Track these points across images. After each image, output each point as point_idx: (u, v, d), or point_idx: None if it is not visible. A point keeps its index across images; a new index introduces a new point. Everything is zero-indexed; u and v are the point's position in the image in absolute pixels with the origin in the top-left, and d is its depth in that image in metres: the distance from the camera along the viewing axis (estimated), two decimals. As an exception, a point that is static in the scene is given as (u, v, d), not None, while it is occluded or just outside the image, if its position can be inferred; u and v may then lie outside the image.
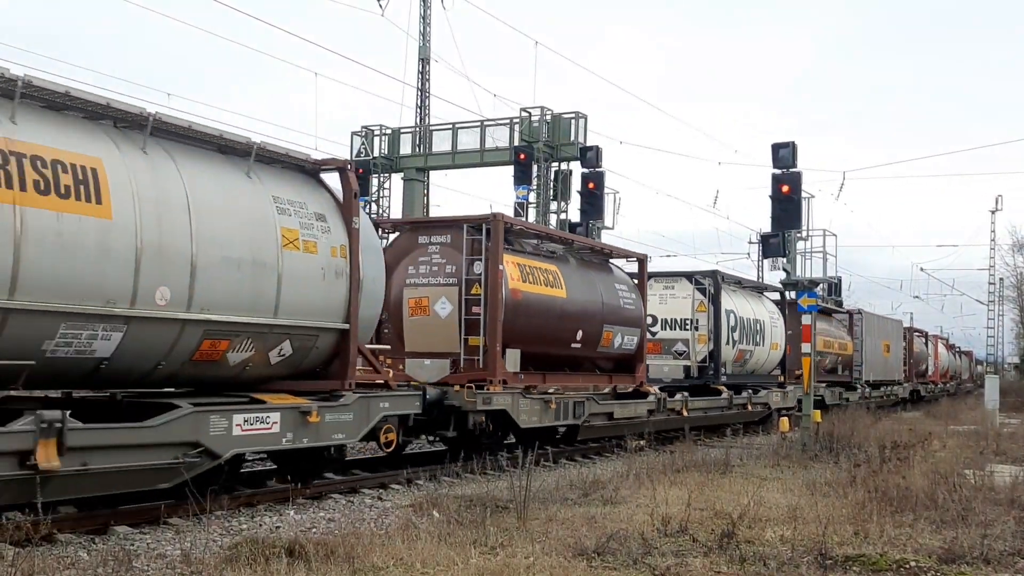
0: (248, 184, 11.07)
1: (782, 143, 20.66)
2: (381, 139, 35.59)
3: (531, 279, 16.39)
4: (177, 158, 10.36)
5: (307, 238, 11.47)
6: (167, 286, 9.82)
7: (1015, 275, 63.16)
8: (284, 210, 11.30)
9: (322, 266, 11.60)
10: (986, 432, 22.41)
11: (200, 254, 10.11)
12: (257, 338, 10.86)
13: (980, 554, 8.65)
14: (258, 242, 10.82)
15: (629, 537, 9.06)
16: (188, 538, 9.29)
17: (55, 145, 9.12)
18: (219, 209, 10.49)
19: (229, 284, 10.43)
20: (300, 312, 11.27)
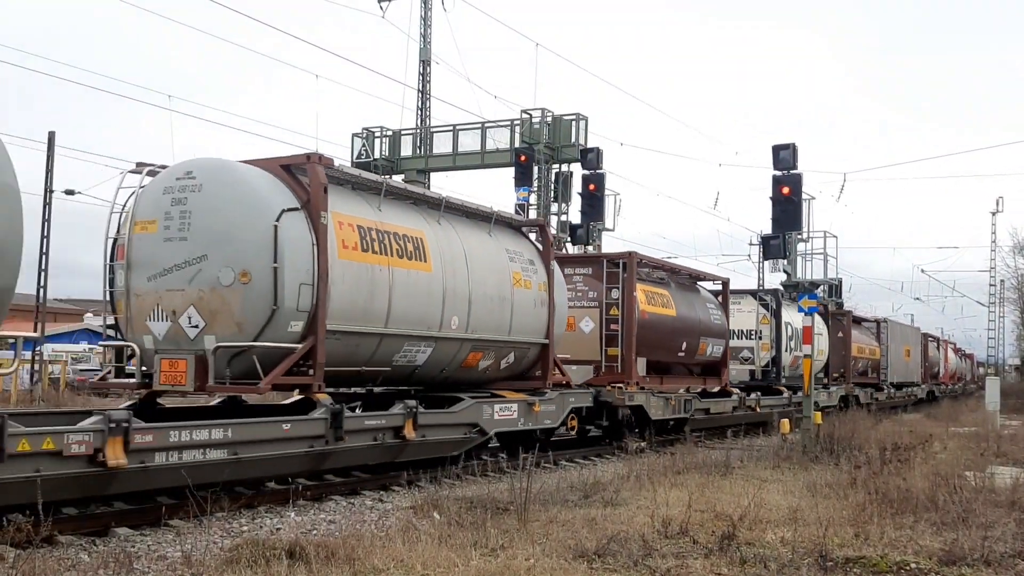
0: (492, 241, 15.71)
1: (782, 145, 20.67)
2: (382, 141, 35.63)
3: (652, 302, 20.75)
4: (456, 226, 14.92)
5: (526, 278, 16.04)
6: (457, 316, 14.34)
7: (1016, 277, 63.22)
8: (512, 258, 15.94)
9: (534, 298, 16.17)
10: (987, 434, 22.40)
11: (472, 293, 14.66)
12: (497, 350, 15.49)
13: (981, 556, 8.64)
14: (500, 282, 15.40)
15: (630, 539, 9.07)
16: (189, 540, 9.29)
17: (402, 224, 13.61)
18: (480, 260, 15.00)
19: (486, 313, 14.93)
20: (521, 332, 15.85)
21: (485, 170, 35.14)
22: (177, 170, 12.14)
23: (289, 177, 12.26)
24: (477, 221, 15.72)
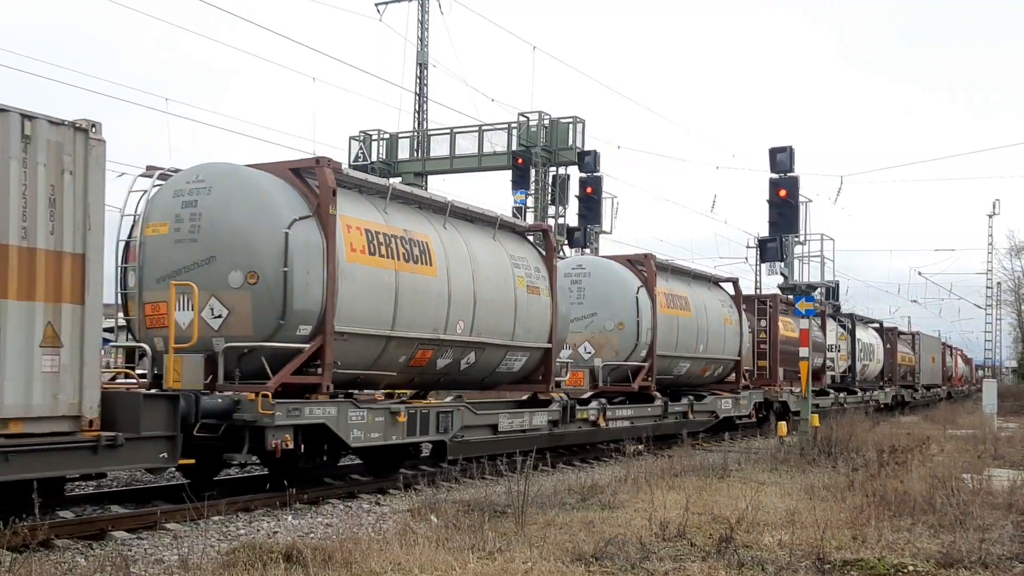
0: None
1: (780, 147, 20.65)
2: (379, 144, 35.61)
3: (787, 328, 28.53)
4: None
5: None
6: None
7: (1013, 279, 63.35)
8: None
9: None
10: (984, 436, 22.40)
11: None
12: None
13: (978, 558, 8.65)
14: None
15: (627, 542, 9.06)
16: (186, 543, 9.28)
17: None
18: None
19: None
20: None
21: (482, 173, 35.13)
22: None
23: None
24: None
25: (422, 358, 13.96)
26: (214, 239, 11.76)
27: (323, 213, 12.07)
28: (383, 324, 13.01)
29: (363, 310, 12.65)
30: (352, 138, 35.56)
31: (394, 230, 13.39)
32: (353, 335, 12.52)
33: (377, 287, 12.90)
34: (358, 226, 12.75)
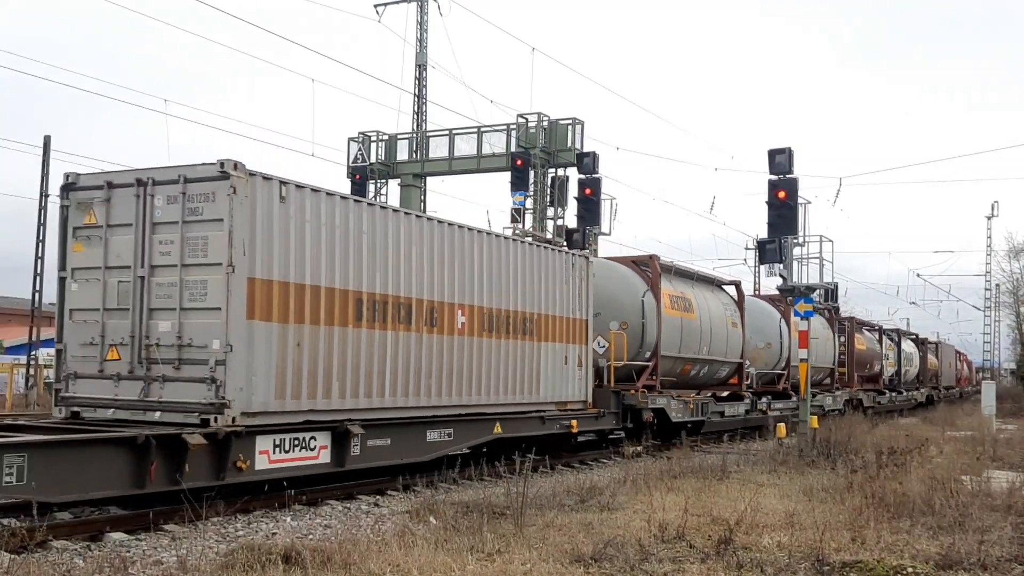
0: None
1: (778, 149, 20.61)
2: (378, 145, 35.55)
3: (859, 343, 37.17)
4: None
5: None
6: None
7: (1011, 281, 63.35)
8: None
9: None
10: (983, 438, 22.40)
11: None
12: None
13: (977, 560, 8.65)
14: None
15: (626, 543, 9.06)
16: (184, 545, 9.28)
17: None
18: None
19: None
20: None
21: (481, 174, 35.11)
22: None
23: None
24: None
25: (687, 370, 22.55)
26: (601, 302, 19.07)
27: (654, 287, 20.80)
28: (675, 349, 21.51)
29: (669, 342, 21.16)
30: (351, 139, 35.50)
31: (677, 292, 22.09)
32: (665, 356, 20.93)
33: (676, 328, 21.44)
34: (666, 292, 21.28)
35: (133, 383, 11.32)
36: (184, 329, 11.07)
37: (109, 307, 11.57)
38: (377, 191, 35.54)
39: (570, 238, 28.79)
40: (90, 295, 11.71)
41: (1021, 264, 61.97)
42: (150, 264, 11.32)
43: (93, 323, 11.64)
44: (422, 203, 36.59)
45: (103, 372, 11.56)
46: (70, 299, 11.87)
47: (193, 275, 11.07)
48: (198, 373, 10.92)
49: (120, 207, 11.54)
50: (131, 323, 11.37)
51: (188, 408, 10.95)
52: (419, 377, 13.62)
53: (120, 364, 11.44)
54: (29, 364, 34.24)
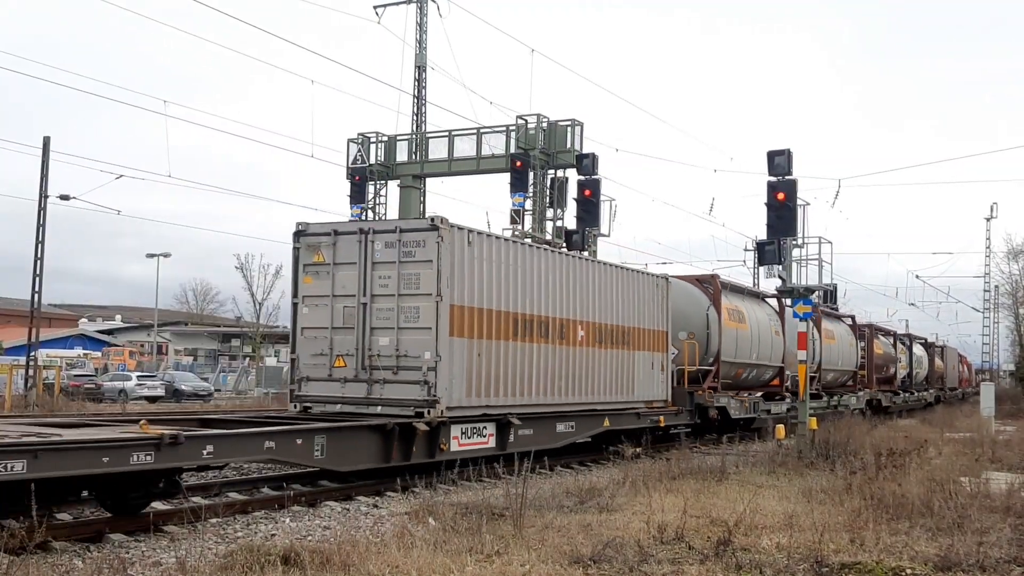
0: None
1: (778, 151, 20.61)
2: (378, 146, 35.53)
3: (878, 347, 40.87)
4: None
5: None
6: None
7: (1010, 282, 63.36)
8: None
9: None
10: (982, 439, 22.41)
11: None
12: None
13: (976, 561, 8.65)
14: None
15: (625, 545, 9.06)
16: (183, 546, 9.28)
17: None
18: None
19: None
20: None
21: (480, 175, 35.08)
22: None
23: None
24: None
25: (739, 374, 25.60)
26: (672, 316, 21.96)
27: (716, 302, 24.11)
28: (732, 356, 24.62)
29: (727, 350, 24.23)
30: (350, 140, 35.48)
31: (732, 305, 25.19)
32: (724, 362, 24.19)
33: (732, 337, 24.56)
34: (724, 306, 24.42)
35: (358, 384, 14.79)
36: (400, 344, 14.44)
37: (336, 326, 14.95)
38: (376, 192, 35.54)
39: (569, 239, 28.77)
40: (319, 317, 15.12)
41: (1020, 266, 62.01)
42: (371, 294, 14.71)
43: (322, 339, 15.04)
44: (421, 204, 36.59)
45: (331, 376, 14.96)
46: (302, 320, 15.39)
47: (407, 302, 14.44)
48: (413, 377, 14.28)
49: (344, 250, 14.97)
50: (355, 339, 14.78)
51: (405, 404, 14.29)
52: (553, 380, 16.97)
53: (346, 370, 14.84)
54: (28, 365, 34.25)
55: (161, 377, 49.30)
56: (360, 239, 14.83)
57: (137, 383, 45.22)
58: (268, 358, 69.31)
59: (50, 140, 33.47)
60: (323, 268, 15.09)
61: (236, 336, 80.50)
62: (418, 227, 14.52)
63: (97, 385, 46.16)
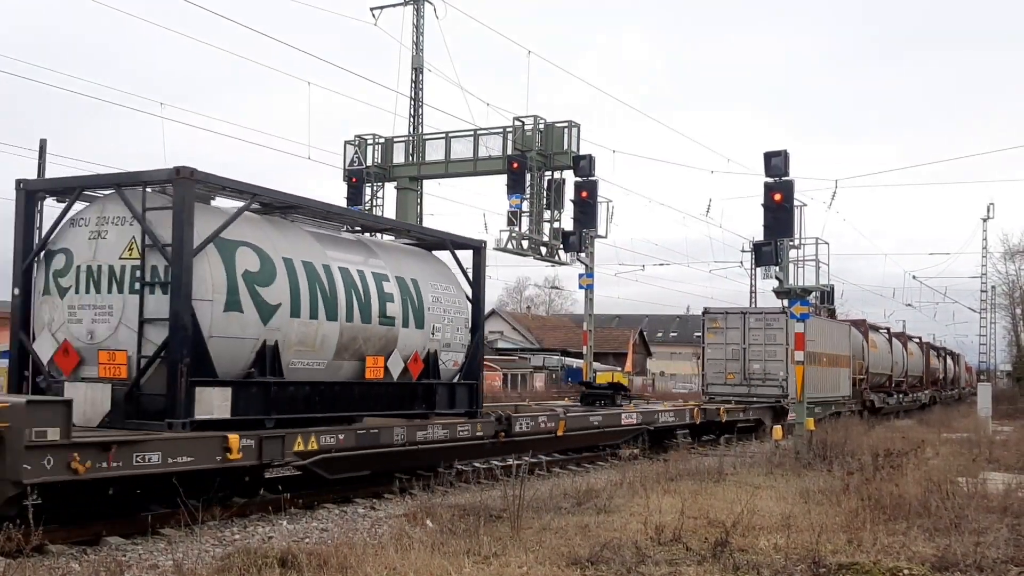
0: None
1: (774, 152, 20.63)
2: (374, 148, 35.49)
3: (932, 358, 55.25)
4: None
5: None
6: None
7: (1007, 283, 63.53)
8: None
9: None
10: (979, 439, 22.43)
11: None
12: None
13: (974, 562, 8.66)
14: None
15: (623, 546, 9.06)
16: (180, 548, 9.27)
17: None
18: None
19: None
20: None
21: (477, 177, 35.04)
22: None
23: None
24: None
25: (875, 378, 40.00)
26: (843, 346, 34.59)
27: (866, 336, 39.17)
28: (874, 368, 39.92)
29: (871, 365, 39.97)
30: (347, 142, 35.43)
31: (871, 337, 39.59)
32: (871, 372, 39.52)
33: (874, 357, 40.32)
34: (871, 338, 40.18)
35: (741, 387, 28.62)
36: (766, 368, 28.48)
37: (727, 358, 29.19)
38: (373, 194, 35.51)
39: (566, 241, 28.79)
40: (718, 354, 29.44)
41: (1017, 266, 62.19)
42: (748, 344, 28.90)
43: (721, 365, 29.25)
44: (418, 206, 36.59)
45: (725, 383, 28.97)
46: (708, 353, 29.93)
47: (769, 349, 28.49)
48: (773, 384, 28.21)
49: (732, 322, 29.30)
50: (740, 365, 28.99)
51: (769, 397, 28.08)
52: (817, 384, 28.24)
53: (734, 380, 28.78)
54: (25, 368, 34.13)
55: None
56: (741, 317, 29.19)
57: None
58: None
59: (47, 142, 33.41)
60: (720, 329, 29.35)
61: None
62: (774, 312, 28.61)
63: None
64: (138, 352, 11.12)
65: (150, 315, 11.14)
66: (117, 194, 11.63)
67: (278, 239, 12.59)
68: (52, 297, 11.82)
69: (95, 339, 11.42)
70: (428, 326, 14.96)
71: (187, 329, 10.93)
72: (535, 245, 30.60)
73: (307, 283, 12.58)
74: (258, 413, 11.84)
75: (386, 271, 14.42)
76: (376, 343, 13.88)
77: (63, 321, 11.65)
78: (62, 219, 12.07)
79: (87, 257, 11.61)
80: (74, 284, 11.63)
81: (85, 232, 11.73)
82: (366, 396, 13.82)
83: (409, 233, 16.93)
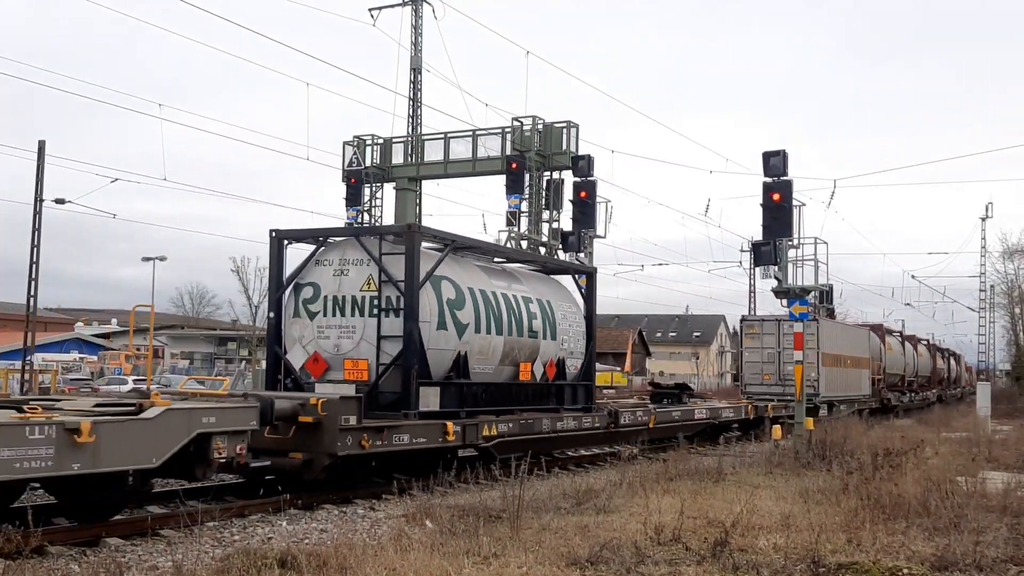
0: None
1: (773, 151, 20.61)
2: (373, 149, 35.48)
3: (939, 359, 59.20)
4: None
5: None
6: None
7: (1005, 282, 63.53)
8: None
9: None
10: (978, 439, 22.43)
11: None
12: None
13: (973, 561, 8.66)
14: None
15: (622, 546, 9.05)
16: (180, 550, 9.26)
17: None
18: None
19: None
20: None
21: (476, 177, 35.03)
22: None
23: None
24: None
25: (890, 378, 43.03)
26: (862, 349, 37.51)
27: (883, 340, 42.42)
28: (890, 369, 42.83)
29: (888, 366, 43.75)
30: (346, 143, 35.44)
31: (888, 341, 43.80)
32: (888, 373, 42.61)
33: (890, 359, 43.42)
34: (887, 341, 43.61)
35: (776, 387, 30.56)
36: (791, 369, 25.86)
37: (764, 361, 31.24)
38: (372, 195, 35.51)
39: (565, 241, 28.75)
40: (755, 357, 31.50)
41: (1015, 265, 62.19)
42: (782, 348, 30.26)
43: (758, 367, 31.26)
44: (417, 206, 36.59)
45: (762, 383, 30.87)
46: (747, 356, 32.06)
47: None
48: (806, 384, 23.17)
49: (767, 328, 31.55)
50: (775, 367, 30.78)
51: None
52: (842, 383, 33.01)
53: (770, 381, 30.83)
54: (24, 369, 34.20)
55: (158, 380, 49.27)
56: (776, 324, 31.17)
57: (133, 387, 45.19)
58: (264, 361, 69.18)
59: (45, 144, 33.46)
60: (756, 335, 31.94)
61: (232, 339, 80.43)
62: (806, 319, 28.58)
63: (93, 389, 46.13)
64: (376, 361, 14.70)
65: (386, 333, 14.75)
66: (356, 241, 15.33)
67: (463, 273, 16.46)
68: (302, 319, 15.40)
69: (340, 351, 15.02)
70: (559, 338, 18.69)
71: (416, 343, 14.56)
72: (534, 245, 30.62)
73: (483, 306, 16.44)
74: (456, 406, 15.46)
75: (529, 294, 18.27)
76: (526, 352, 17.66)
77: (313, 337, 15.23)
78: (309, 260, 15.61)
79: (333, 289, 15.25)
80: (322, 310, 15.25)
81: (330, 270, 15.40)
82: (518, 394, 17.51)
83: (535, 262, 21.43)
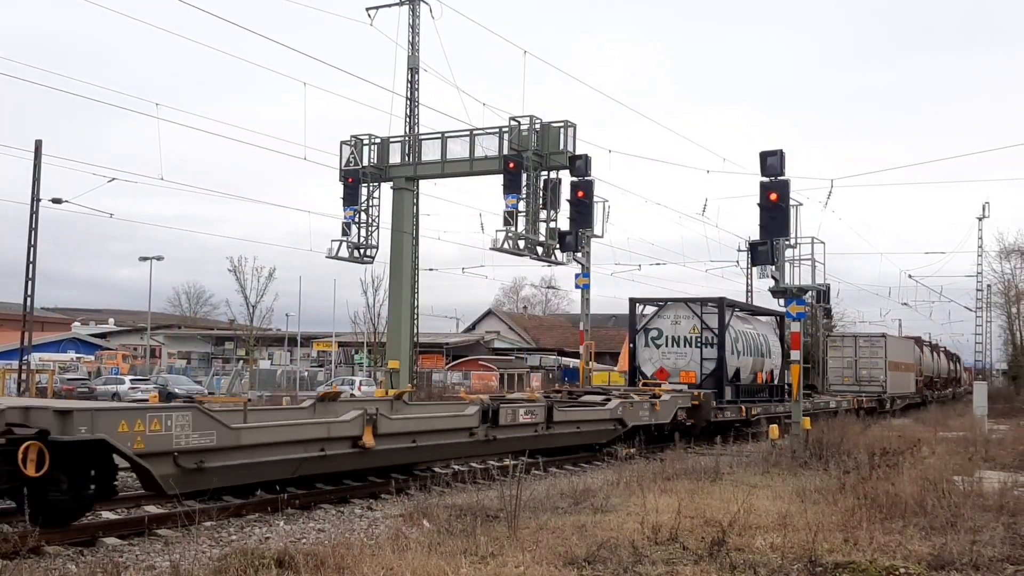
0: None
1: (770, 151, 20.65)
2: (370, 148, 35.50)
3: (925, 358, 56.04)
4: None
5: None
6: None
7: (1002, 281, 63.65)
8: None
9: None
10: (975, 438, 22.47)
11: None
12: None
13: (969, 560, 8.67)
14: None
15: (619, 545, 9.06)
16: (177, 550, 9.26)
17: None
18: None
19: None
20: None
21: (474, 177, 35.05)
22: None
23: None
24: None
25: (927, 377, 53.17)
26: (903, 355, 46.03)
27: (920, 348, 52.29)
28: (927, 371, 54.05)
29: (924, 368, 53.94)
30: (343, 143, 35.44)
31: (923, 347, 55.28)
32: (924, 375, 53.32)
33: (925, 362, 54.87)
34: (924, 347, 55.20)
35: (853, 387, 40.25)
36: (871, 373, 41.11)
37: (844, 367, 41.43)
38: (369, 194, 35.50)
39: (563, 240, 28.79)
40: (837, 364, 41.35)
41: (1012, 265, 62.34)
42: (858, 357, 41.55)
43: (839, 372, 41.18)
44: (415, 206, 36.57)
45: (843, 384, 40.57)
46: (831, 363, 40.80)
47: (872, 361, 41.23)
48: (875, 385, 40.62)
49: (847, 342, 42.26)
50: (854, 371, 41.46)
51: (874, 393, 39.97)
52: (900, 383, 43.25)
53: (849, 382, 40.71)
54: (21, 369, 34.18)
55: (154, 380, 49.26)
56: (853, 339, 41.98)
57: (131, 386, 45.17)
58: (261, 361, 69.33)
59: (42, 143, 33.42)
60: (838, 347, 40.84)
61: (229, 339, 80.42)
62: (875, 336, 42.86)
63: (90, 389, 46.11)
64: (700, 372, 26.02)
65: (705, 358, 26.13)
66: (686, 305, 26.70)
67: (735, 321, 27.42)
68: (651, 349, 26.90)
69: (677, 367, 26.32)
70: (772, 357, 29.95)
71: (722, 364, 25.86)
72: (531, 245, 30.64)
73: (744, 339, 27.78)
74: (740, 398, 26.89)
75: (758, 331, 29.53)
76: (759, 364, 28.97)
77: (659, 359, 26.69)
78: (654, 315, 27.06)
79: (671, 332, 26.67)
80: (665, 343, 26.67)
81: (669, 321, 26.77)
82: (759, 391, 28.91)
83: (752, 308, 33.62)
